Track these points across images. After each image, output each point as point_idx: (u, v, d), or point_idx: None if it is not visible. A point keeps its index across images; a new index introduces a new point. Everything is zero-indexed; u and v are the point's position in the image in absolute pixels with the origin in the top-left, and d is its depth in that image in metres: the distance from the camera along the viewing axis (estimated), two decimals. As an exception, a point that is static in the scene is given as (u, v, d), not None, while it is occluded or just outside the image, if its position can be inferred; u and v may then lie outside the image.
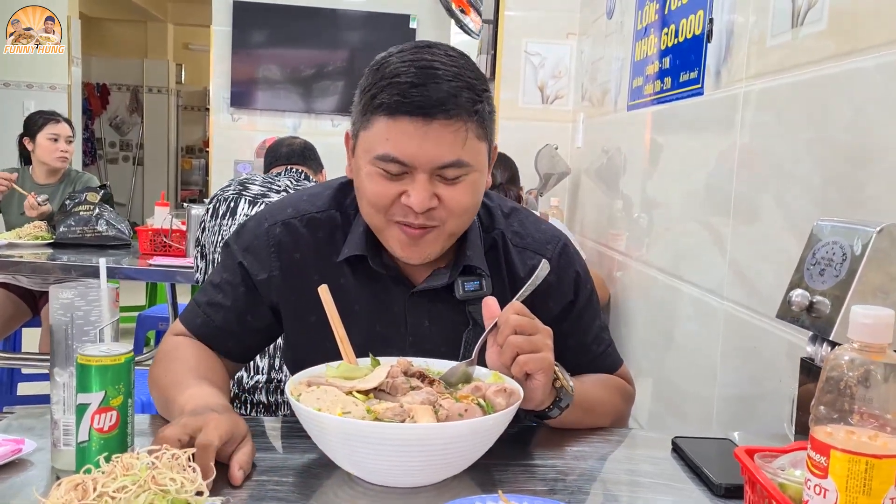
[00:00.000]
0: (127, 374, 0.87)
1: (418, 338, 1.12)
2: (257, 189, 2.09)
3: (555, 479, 0.97)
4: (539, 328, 0.97)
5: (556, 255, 1.16)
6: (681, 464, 1.05)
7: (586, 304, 1.19)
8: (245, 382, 1.92)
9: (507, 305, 0.98)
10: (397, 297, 1.12)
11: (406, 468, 0.88)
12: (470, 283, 1.10)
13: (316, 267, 1.12)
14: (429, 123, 0.97)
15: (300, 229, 1.13)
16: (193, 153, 9.87)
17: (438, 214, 1.02)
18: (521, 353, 0.94)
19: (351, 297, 1.11)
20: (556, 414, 1.02)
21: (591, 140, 2.95)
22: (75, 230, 2.81)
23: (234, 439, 0.92)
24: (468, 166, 1.01)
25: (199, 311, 1.17)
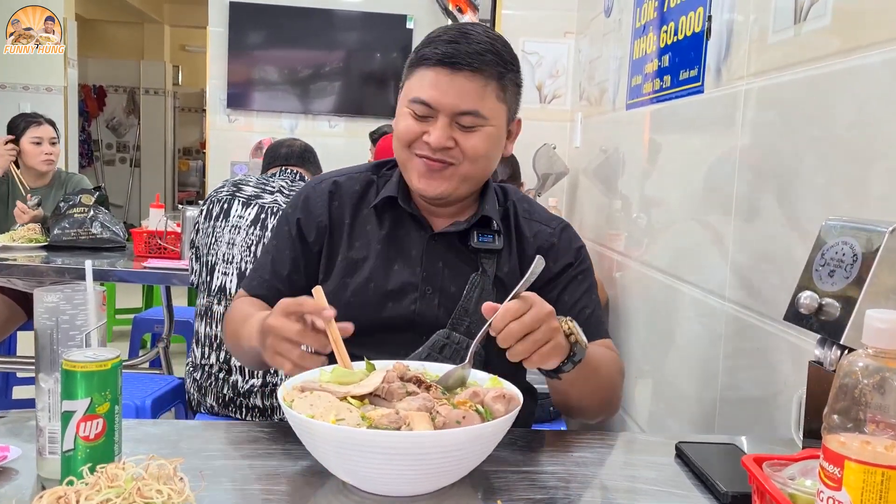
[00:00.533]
0: (114, 381, 0.84)
1: (430, 275, 1.23)
2: (251, 190, 2.07)
3: (555, 486, 0.94)
4: (541, 318, 0.95)
5: (559, 228, 1.30)
6: (685, 470, 1.02)
7: (585, 272, 1.29)
8: (240, 386, 1.89)
9: (503, 306, 0.95)
10: (417, 240, 1.25)
11: (402, 477, 0.85)
12: (484, 235, 1.24)
13: (350, 213, 1.27)
14: (455, 73, 1.14)
15: (343, 184, 1.30)
16: (191, 155, 9.83)
17: (454, 154, 1.18)
18: (532, 354, 0.95)
19: (375, 239, 1.26)
20: (570, 368, 1.02)
21: (589, 139, 2.92)
22: (69, 232, 2.78)
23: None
24: (484, 118, 1.17)
25: (255, 274, 1.31)
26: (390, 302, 1.22)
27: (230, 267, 1.99)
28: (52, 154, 3.20)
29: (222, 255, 2.00)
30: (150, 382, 2.31)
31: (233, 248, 2.00)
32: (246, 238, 1.99)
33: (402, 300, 1.23)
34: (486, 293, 1.21)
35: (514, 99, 1.22)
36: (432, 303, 1.23)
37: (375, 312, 1.22)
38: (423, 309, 1.22)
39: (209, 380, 1.93)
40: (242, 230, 2.00)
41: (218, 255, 2.00)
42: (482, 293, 1.21)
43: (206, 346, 1.97)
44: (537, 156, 3.00)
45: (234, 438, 1.08)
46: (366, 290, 1.23)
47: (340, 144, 4.33)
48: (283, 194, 2.07)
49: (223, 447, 1.04)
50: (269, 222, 1.99)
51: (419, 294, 1.23)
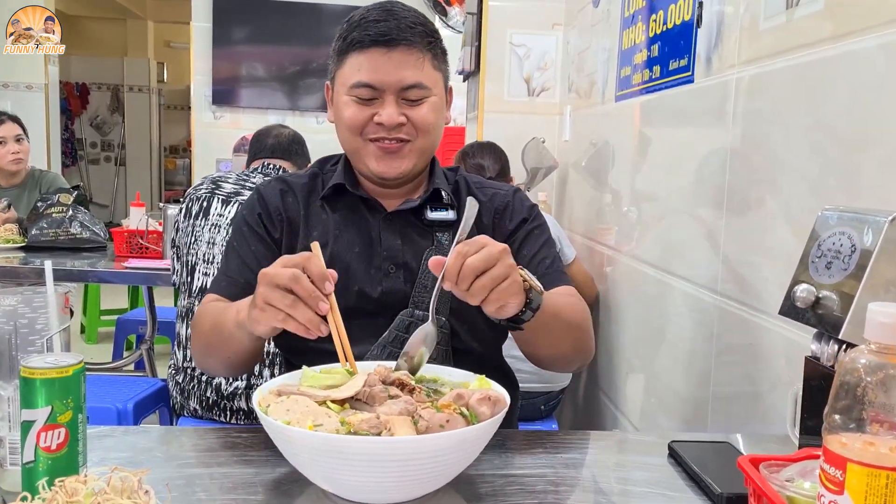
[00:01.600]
0: (77, 388, 0.80)
1: (391, 252, 1.23)
2: (230, 187, 2.01)
3: (544, 490, 0.91)
4: (496, 254, 0.93)
5: (512, 191, 1.33)
6: (678, 470, 0.98)
7: (541, 226, 1.30)
8: (224, 389, 1.85)
9: (451, 251, 0.92)
10: (373, 222, 1.25)
11: (383, 484, 0.81)
12: (438, 208, 1.26)
13: (303, 205, 1.27)
14: (392, 50, 1.16)
15: (290, 181, 1.31)
16: (177, 153, 9.74)
17: (408, 130, 1.19)
18: (492, 291, 0.92)
19: (331, 226, 1.25)
20: (530, 316, 1.00)
21: (578, 133, 2.88)
22: (48, 233, 2.73)
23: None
24: (428, 88, 1.19)
25: (222, 276, 1.27)
26: (356, 285, 1.21)
27: (211, 267, 1.94)
28: (20, 152, 3.10)
29: (203, 254, 1.95)
30: (133, 385, 2.26)
31: (213, 247, 1.94)
32: (226, 237, 1.93)
33: (368, 281, 1.21)
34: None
35: (445, 66, 1.25)
36: (398, 280, 1.22)
37: (343, 298, 1.17)
38: (390, 287, 1.21)
39: (192, 383, 1.89)
40: (223, 229, 1.94)
41: (198, 255, 1.95)
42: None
43: (188, 348, 1.93)
44: (526, 150, 2.96)
45: (210, 445, 1.03)
46: None
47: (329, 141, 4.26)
48: None
49: (198, 454, 0.99)
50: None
51: (383, 273, 1.22)
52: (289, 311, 0.91)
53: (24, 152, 3.13)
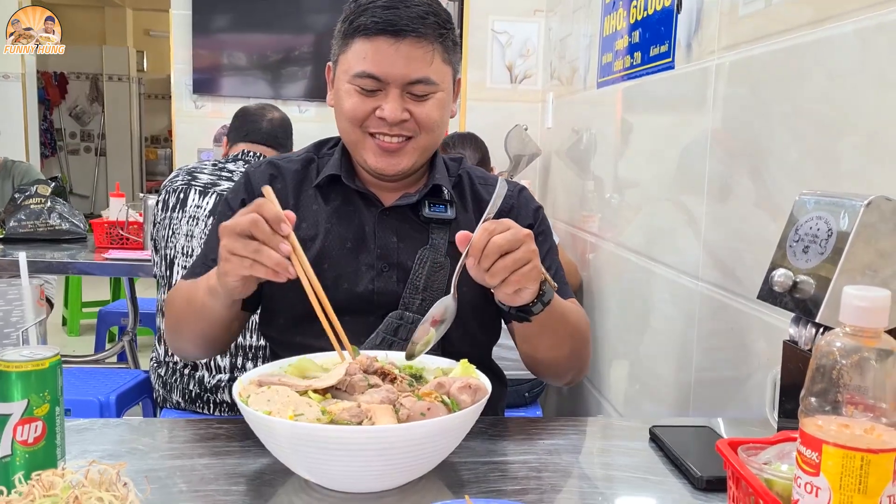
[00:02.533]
0: (53, 380, 0.79)
1: (385, 250, 1.18)
2: (207, 178, 1.97)
3: (526, 476, 0.91)
4: (521, 237, 0.93)
5: (517, 190, 1.28)
6: (659, 454, 0.99)
7: (545, 233, 1.27)
8: (207, 382, 1.84)
9: (479, 226, 0.93)
10: (368, 216, 1.20)
11: (365, 473, 0.81)
12: (436, 206, 1.20)
13: (293, 193, 1.21)
14: (400, 41, 1.09)
15: (282, 166, 1.25)
16: (159, 143, 9.64)
17: (410, 126, 1.13)
18: (512, 273, 0.92)
19: (323, 218, 1.20)
20: (540, 309, 1.00)
21: (561, 120, 2.88)
22: (26, 224, 2.69)
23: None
24: (435, 84, 1.13)
25: (199, 262, 1.23)
26: (346, 283, 1.17)
27: (190, 261, 1.91)
28: None
29: (181, 247, 1.92)
30: (115, 377, 2.25)
31: (192, 240, 1.91)
32: (205, 229, 1.90)
33: (360, 280, 1.17)
34: (436, 266, 1.17)
35: (456, 58, 1.19)
36: (391, 280, 1.18)
37: (333, 294, 1.12)
38: (382, 287, 1.17)
39: (174, 376, 1.87)
40: (201, 221, 1.91)
41: (177, 248, 1.92)
42: (433, 267, 1.17)
43: (170, 342, 1.91)
44: (509, 137, 2.96)
45: (191, 436, 1.03)
46: (319, 272, 1.14)
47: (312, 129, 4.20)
48: None
49: (179, 446, 0.99)
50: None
51: (376, 272, 1.18)
52: (253, 256, 0.91)
53: None
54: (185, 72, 4.44)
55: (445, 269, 1.17)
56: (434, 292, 1.16)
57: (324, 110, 4.35)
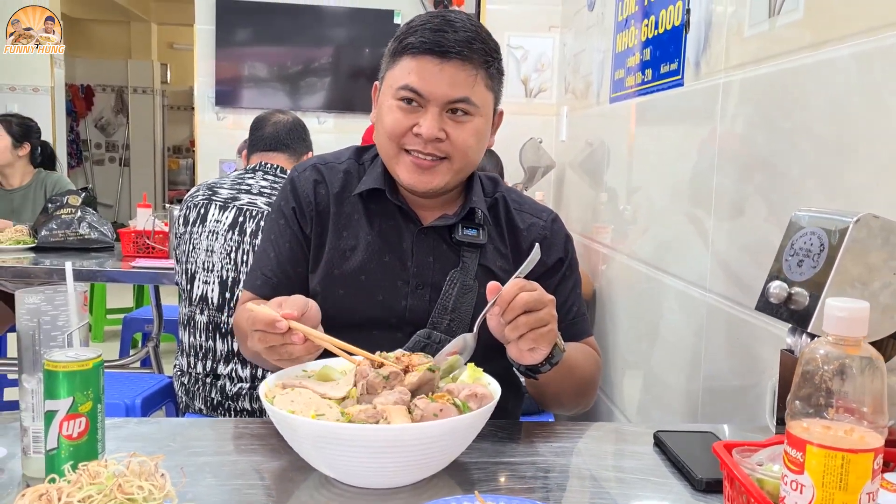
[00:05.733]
0: (96, 380, 0.86)
1: (420, 269, 1.21)
2: (227, 193, 2.00)
3: (534, 476, 0.96)
4: (545, 301, 0.98)
5: (550, 220, 1.31)
6: (663, 458, 1.04)
7: (572, 267, 1.30)
8: (228, 390, 1.90)
9: (510, 281, 0.98)
10: (406, 233, 1.23)
11: (382, 470, 0.87)
12: (469, 229, 1.23)
13: (335, 201, 1.24)
14: (445, 62, 1.13)
15: (324, 171, 1.28)
16: (181, 153, 9.81)
17: (445, 148, 1.16)
18: (531, 331, 0.96)
19: (363, 229, 1.23)
20: (547, 370, 1.05)
21: (575, 133, 2.93)
22: (57, 233, 2.78)
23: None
24: (475, 107, 1.15)
25: (256, 273, 1.27)
26: (381, 295, 1.20)
27: (211, 276, 1.94)
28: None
29: (202, 262, 1.94)
30: (140, 382, 2.32)
31: (212, 255, 1.93)
32: (225, 244, 1.93)
33: (394, 294, 1.20)
34: (465, 289, 1.20)
35: (499, 87, 1.21)
36: (423, 299, 1.20)
37: (367, 307, 1.20)
38: (414, 304, 1.20)
39: (196, 384, 1.93)
40: (220, 235, 1.93)
41: (197, 263, 1.95)
42: (462, 289, 1.20)
43: (192, 356, 1.95)
44: (524, 150, 3.01)
45: (218, 435, 1.09)
46: (357, 281, 1.21)
47: (330, 140, 4.33)
48: (265, 196, 1.99)
49: (207, 444, 1.05)
50: (248, 226, 1.93)
51: (410, 289, 1.20)
52: (286, 357, 0.97)
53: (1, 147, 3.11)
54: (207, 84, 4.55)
55: (473, 293, 1.20)
56: (462, 314, 1.19)
57: (342, 121, 4.44)
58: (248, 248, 1.92)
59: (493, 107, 1.21)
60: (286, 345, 0.95)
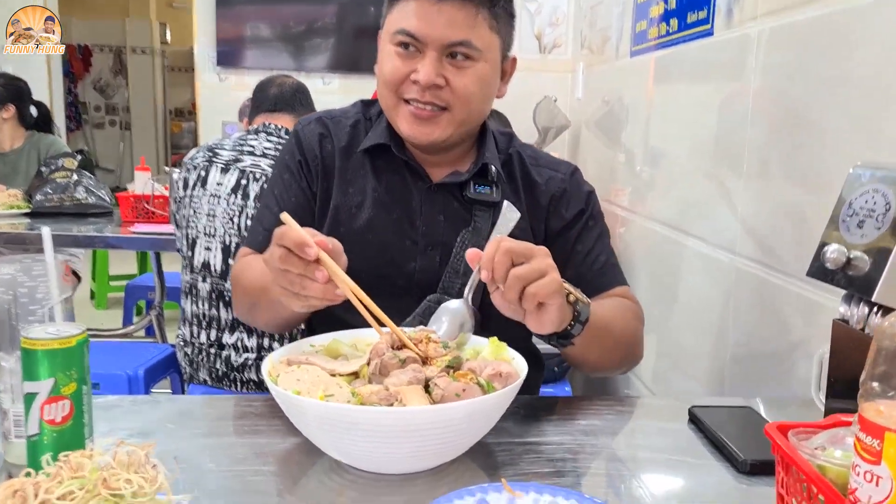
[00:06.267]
0: (80, 358, 0.77)
1: (430, 228, 1.15)
2: (228, 154, 1.92)
3: (562, 458, 0.88)
4: (535, 250, 0.88)
5: (569, 173, 1.23)
6: (699, 436, 0.96)
7: (595, 218, 1.23)
8: (234, 361, 1.83)
9: (488, 243, 0.88)
10: (415, 191, 1.16)
11: (397, 455, 0.79)
12: (482, 186, 1.16)
13: (341, 155, 1.18)
14: (443, 1, 1.05)
15: (329, 125, 1.21)
16: (183, 116, 9.65)
17: (445, 96, 1.08)
18: (527, 285, 0.86)
19: (370, 185, 1.16)
20: (579, 330, 0.96)
21: (591, 90, 2.82)
22: (52, 198, 2.69)
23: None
24: (477, 51, 1.07)
25: (258, 229, 1.20)
26: (390, 255, 1.14)
27: (213, 241, 1.87)
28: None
29: (203, 227, 1.87)
30: (142, 352, 2.25)
31: (214, 220, 1.86)
32: (227, 209, 1.85)
33: (403, 254, 1.15)
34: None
35: (507, 31, 1.13)
36: (433, 260, 1.15)
37: (375, 267, 1.12)
38: (424, 266, 1.15)
39: (200, 355, 1.86)
40: (223, 199, 1.86)
41: (198, 228, 1.88)
42: None
43: (195, 325, 1.89)
44: (538, 109, 2.90)
45: (220, 414, 1.01)
46: (364, 240, 1.14)
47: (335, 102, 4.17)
48: (269, 158, 1.91)
49: (208, 424, 0.97)
50: (252, 189, 1.85)
51: (419, 250, 1.15)
52: (299, 290, 0.86)
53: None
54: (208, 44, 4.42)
55: None
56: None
57: (347, 82, 4.30)
58: (252, 212, 1.84)
59: (502, 52, 1.12)
60: (305, 278, 0.85)
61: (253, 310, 1.15)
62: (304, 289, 0.86)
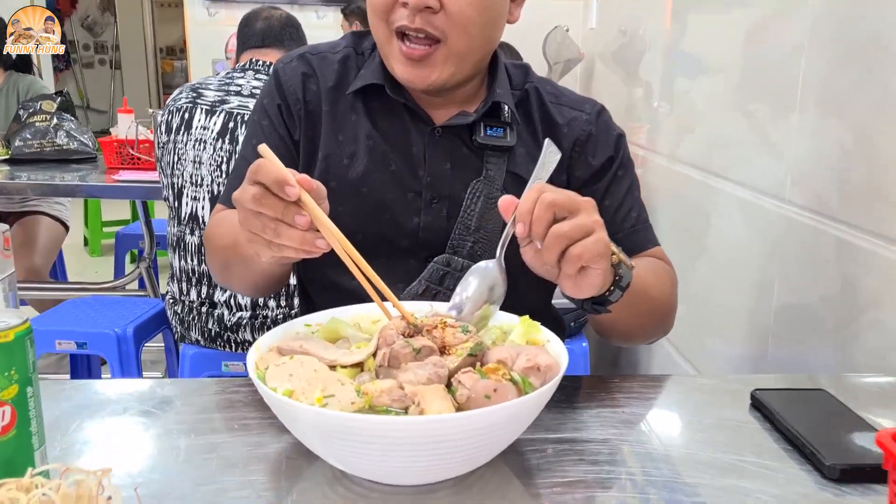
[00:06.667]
0: (22, 355, 0.63)
1: (435, 179, 1.01)
2: (213, 95, 1.75)
3: (609, 461, 0.74)
4: (580, 202, 0.75)
5: (595, 112, 1.08)
6: (765, 426, 0.82)
7: (626, 167, 1.09)
8: (227, 320, 1.69)
9: (526, 189, 0.75)
10: (416, 136, 1.02)
11: (413, 468, 0.65)
12: (494, 128, 1.02)
13: (328, 98, 1.03)
14: None
15: (314, 62, 1.06)
16: (174, 54, 9.32)
17: (439, 22, 0.92)
18: (571, 245, 0.73)
19: (363, 131, 1.02)
20: (618, 296, 0.82)
21: (606, 19, 2.62)
22: (32, 144, 2.52)
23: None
24: None
25: (235, 184, 1.04)
26: (388, 213, 1.00)
27: (200, 191, 1.72)
28: None
29: (189, 176, 1.72)
30: (132, 307, 2.11)
31: (200, 167, 1.71)
32: (214, 155, 1.70)
33: (404, 209, 1.00)
34: (491, 203, 0.99)
35: None
36: (440, 215, 1.01)
37: (372, 226, 0.99)
38: (430, 223, 1.00)
39: (191, 314, 1.73)
40: (209, 145, 1.70)
41: (184, 177, 1.73)
42: (486, 203, 0.99)
43: (184, 282, 1.75)
44: (548, 41, 2.71)
45: (203, 404, 0.86)
46: (358, 195, 1.00)
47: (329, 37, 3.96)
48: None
49: (188, 419, 0.82)
50: (240, 133, 1.69)
51: (423, 203, 1.01)
52: (275, 239, 0.73)
53: None
54: (195, -25, 4.16)
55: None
56: (488, 234, 0.99)
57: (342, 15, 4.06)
58: (240, 159, 1.68)
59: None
60: (281, 223, 0.71)
61: (226, 271, 1.02)
62: (279, 236, 0.72)
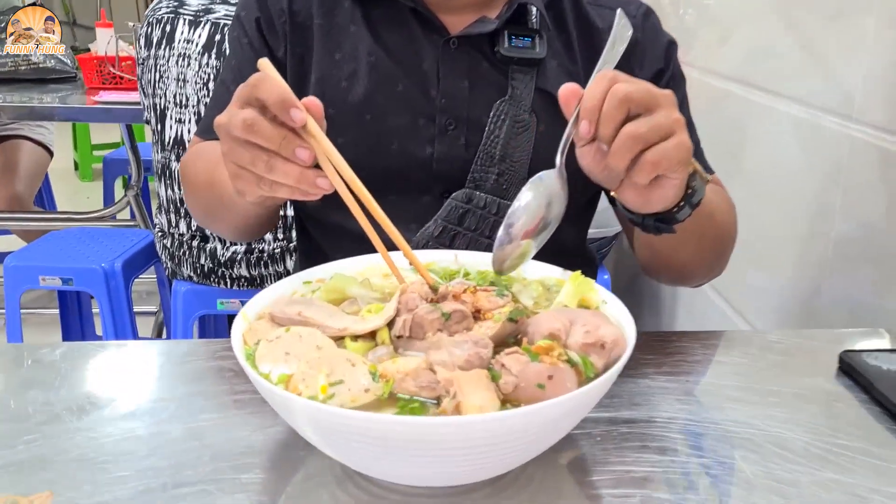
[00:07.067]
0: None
1: (451, 100, 0.86)
2: (197, 3, 1.56)
3: (678, 448, 0.61)
4: (659, 97, 0.61)
5: (641, 14, 0.92)
6: (860, 397, 0.69)
7: (677, 81, 0.94)
8: (220, 255, 1.56)
9: (592, 78, 0.62)
10: (428, 48, 0.87)
11: (445, 471, 0.51)
12: (520, 37, 0.86)
13: (321, 9, 0.88)
14: None
15: None
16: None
17: None
18: (646, 148, 0.59)
19: (364, 46, 0.87)
20: (687, 214, 0.69)
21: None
22: (6, 63, 2.33)
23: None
24: None
25: (213, 113, 0.90)
26: (396, 142, 0.85)
27: (185, 112, 1.55)
28: None
29: (172, 95, 1.55)
30: (121, 239, 1.97)
31: (184, 86, 1.54)
32: (200, 72, 1.53)
33: (415, 138, 0.85)
34: (518, 126, 0.84)
35: None
36: (457, 142, 0.85)
37: (377, 159, 0.84)
38: (445, 152, 0.85)
39: (181, 248, 1.59)
40: (193, 60, 1.53)
41: (167, 97, 1.56)
42: (513, 127, 0.84)
43: (172, 213, 1.60)
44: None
45: (188, 377, 0.73)
46: (360, 122, 0.85)
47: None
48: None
49: (169, 400, 0.68)
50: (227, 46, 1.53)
51: (438, 130, 0.85)
52: (265, 173, 0.59)
53: None
54: None
55: (531, 131, 0.84)
56: (515, 164, 0.84)
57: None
58: (231, 75, 1.51)
59: None
60: (276, 157, 0.58)
61: (210, 213, 0.89)
62: (272, 171, 0.58)
